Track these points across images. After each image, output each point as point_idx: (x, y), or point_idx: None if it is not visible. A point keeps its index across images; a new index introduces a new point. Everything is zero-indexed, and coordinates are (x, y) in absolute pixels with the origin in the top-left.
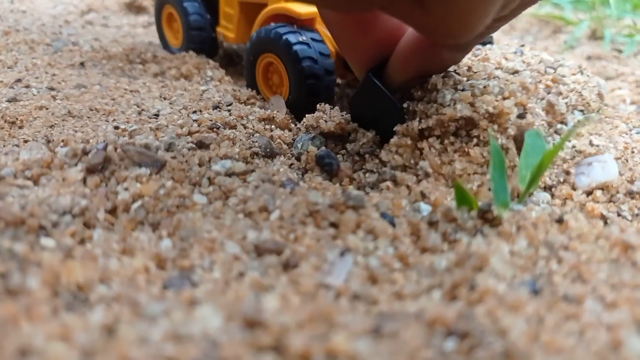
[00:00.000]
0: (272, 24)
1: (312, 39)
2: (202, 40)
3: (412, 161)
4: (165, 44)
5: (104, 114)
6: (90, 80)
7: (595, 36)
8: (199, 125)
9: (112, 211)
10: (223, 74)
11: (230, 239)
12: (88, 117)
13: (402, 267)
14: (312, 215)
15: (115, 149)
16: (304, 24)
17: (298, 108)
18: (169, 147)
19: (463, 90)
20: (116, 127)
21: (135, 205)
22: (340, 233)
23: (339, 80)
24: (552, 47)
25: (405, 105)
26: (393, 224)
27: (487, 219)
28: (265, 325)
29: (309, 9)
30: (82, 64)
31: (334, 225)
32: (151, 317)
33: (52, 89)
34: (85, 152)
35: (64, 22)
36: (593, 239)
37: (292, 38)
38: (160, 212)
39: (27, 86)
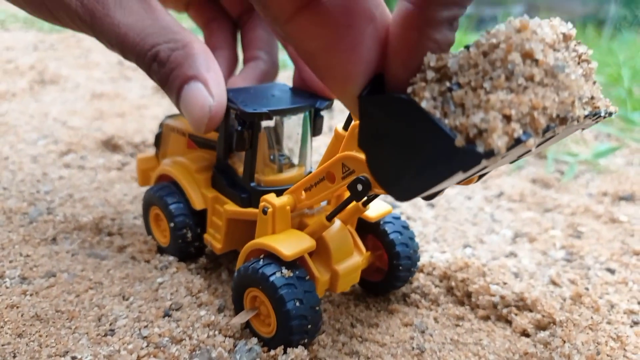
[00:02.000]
0: (260, 262)
1: (298, 277)
2: (188, 242)
3: None
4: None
5: (67, 319)
6: (60, 265)
7: (540, 155)
8: (147, 345)
9: None
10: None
11: None
12: (53, 322)
13: None
14: None
15: None
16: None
17: (288, 345)
18: None
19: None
20: (74, 358)
21: None
22: None
23: None
24: (501, 167)
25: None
26: None
27: None
28: None
29: (295, 249)
30: (54, 239)
31: None
32: None
33: (24, 278)
34: None
35: (42, 174)
36: None
37: (277, 281)
38: None
39: (1, 275)
